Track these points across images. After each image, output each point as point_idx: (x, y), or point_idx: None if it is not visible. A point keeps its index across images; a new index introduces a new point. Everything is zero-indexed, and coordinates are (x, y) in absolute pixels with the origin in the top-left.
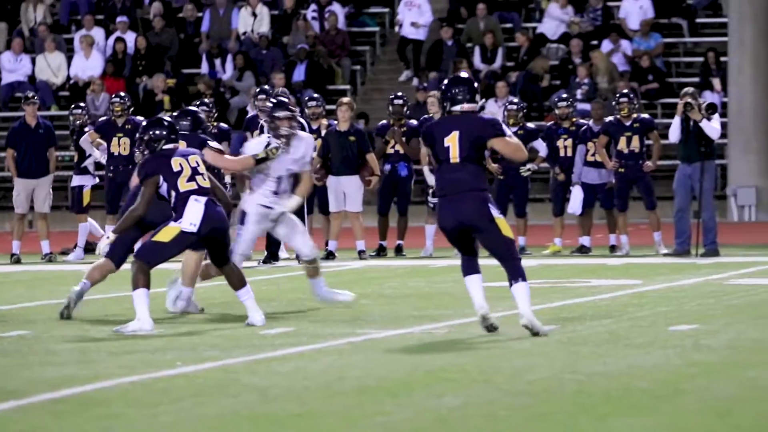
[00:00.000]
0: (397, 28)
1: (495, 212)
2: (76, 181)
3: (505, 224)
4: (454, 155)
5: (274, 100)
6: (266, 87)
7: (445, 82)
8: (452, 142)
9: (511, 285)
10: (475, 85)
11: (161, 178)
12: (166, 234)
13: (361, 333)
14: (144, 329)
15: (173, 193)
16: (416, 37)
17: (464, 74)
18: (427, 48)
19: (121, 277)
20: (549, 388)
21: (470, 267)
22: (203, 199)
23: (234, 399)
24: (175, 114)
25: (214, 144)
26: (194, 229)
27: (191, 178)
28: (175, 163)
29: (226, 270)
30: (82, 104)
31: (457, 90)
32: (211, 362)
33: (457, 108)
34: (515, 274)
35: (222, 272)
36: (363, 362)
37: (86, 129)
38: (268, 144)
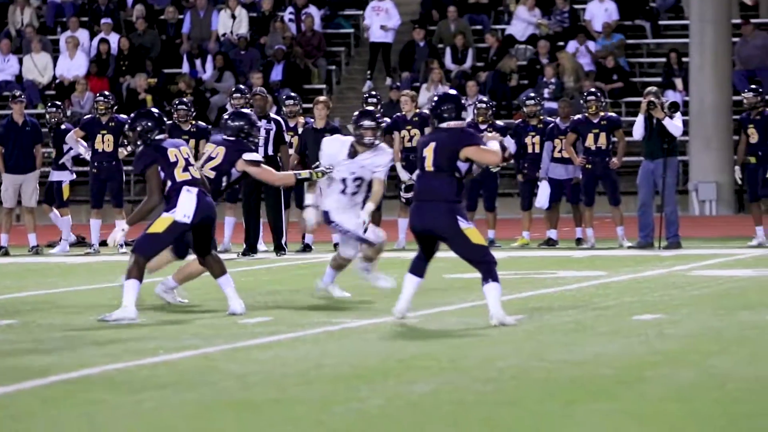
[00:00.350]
0: (366, 34)
1: (464, 224)
2: (55, 176)
3: (475, 233)
4: (429, 164)
5: (361, 109)
6: (242, 86)
7: (435, 98)
8: (428, 152)
9: (483, 285)
10: (462, 101)
11: (159, 168)
12: (160, 225)
13: (337, 322)
14: (127, 317)
15: (169, 183)
16: (386, 41)
17: (452, 91)
18: (400, 49)
19: (108, 269)
20: (517, 375)
21: (417, 268)
22: (195, 190)
23: (214, 386)
24: (227, 115)
25: (250, 156)
26: (188, 221)
27: (185, 169)
28: (171, 153)
29: (208, 260)
30: (58, 102)
31: (444, 108)
32: (192, 350)
33: (444, 125)
34: (487, 275)
35: (203, 262)
36: (339, 350)
37: (63, 126)
38: (317, 165)
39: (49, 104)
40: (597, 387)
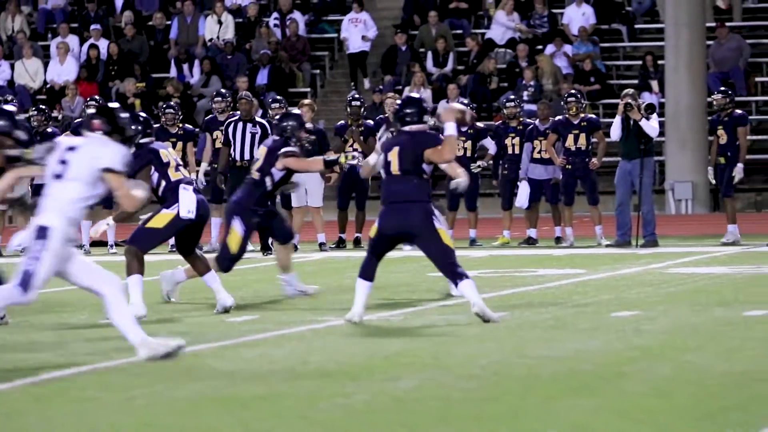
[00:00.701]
0: (346, 45)
1: (437, 224)
2: (39, 179)
3: (445, 235)
4: (395, 168)
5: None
6: (223, 91)
7: (398, 102)
8: (393, 156)
9: (456, 285)
10: (425, 105)
11: (152, 168)
12: (159, 220)
13: (323, 320)
14: (138, 314)
15: (163, 183)
16: (364, 49)
17: (415, 94)
18: (383, 53)
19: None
20: (499, 372)
21: (370, 272)
22: (191, 187)
23: (203, 383)
24: (280, 115)
25: (288, 149)
26: (192, 216)
27: (177, 168)
28: (163, 154)
29: (192, 258)
30: (42, 107)
31: (407, 111)
32: None
33: (407, 128)
34: (456, 276)
35: (187, 260)
36: (324, 348)
37: (49, 130)
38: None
39: (33, 108)
40: (577, 382)
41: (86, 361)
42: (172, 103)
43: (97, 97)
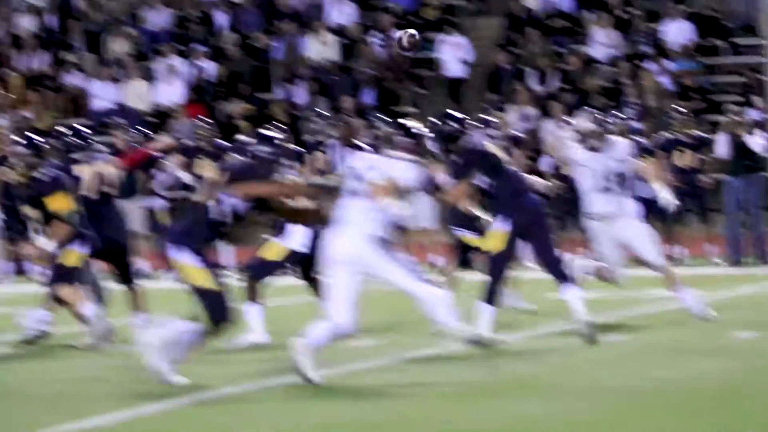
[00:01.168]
0: (443, 68)
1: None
2: (146, 203)
3: None
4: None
5: (583, 112)
6: (321, 111)
7: (440, 124)
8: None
9: (561, 286)
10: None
11: None
12: (273, 252)
13: (446, 344)
14: (260, 341)
15: None
16: (462, 75)
17: (458, 112)
18: (486, 72)
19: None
20: (624, 394)
21: (497, 297)
22: None
23: (330, 407)
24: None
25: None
26: (305, 250)
27: None
28: None
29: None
30: (141, 128)
31: (452, 125)
32: None
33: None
34: (565, 278)
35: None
36: (449, 371)
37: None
38: None
39: (132, 130)
40: (699, 404)
41: (210, 386)
42: (280, 124)
43: (205, 117)
